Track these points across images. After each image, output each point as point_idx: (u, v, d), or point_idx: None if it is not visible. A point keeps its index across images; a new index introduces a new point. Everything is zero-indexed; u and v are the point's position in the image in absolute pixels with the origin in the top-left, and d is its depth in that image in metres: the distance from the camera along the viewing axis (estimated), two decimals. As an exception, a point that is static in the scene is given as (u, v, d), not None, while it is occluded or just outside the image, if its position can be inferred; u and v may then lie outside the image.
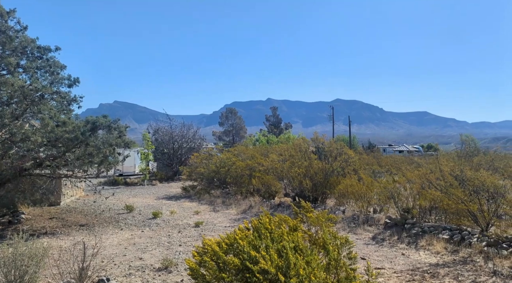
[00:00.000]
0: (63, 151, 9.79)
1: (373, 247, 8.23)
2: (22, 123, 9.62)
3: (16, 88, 8.82)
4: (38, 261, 5.31)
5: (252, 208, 13.18)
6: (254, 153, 20.39)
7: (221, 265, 4.20)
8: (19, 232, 5.49)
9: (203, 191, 17.43)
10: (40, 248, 5.41)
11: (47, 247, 5.75)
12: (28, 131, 9.29)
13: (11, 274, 5.06)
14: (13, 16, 10.03)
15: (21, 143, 9.19)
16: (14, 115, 9.03)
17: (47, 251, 5.64)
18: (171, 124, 28.80)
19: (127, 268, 6.78)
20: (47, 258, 5.60)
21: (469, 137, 21.25)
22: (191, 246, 8.20)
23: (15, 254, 5.13)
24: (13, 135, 9.30)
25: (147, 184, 23.01)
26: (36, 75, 10.02)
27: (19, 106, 9.24)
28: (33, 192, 11.26)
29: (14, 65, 9.25)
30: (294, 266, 3.81)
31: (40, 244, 5.60)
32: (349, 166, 14.90)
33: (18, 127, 9.28)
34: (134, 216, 12.10)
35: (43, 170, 10.42)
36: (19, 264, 5.10)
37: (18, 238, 5.32)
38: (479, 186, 8.01)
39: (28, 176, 10.45)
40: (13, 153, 9.17)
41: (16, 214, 11.23)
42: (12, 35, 9.69)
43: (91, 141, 9.74)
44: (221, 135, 59.28)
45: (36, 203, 12.64)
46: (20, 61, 9.80)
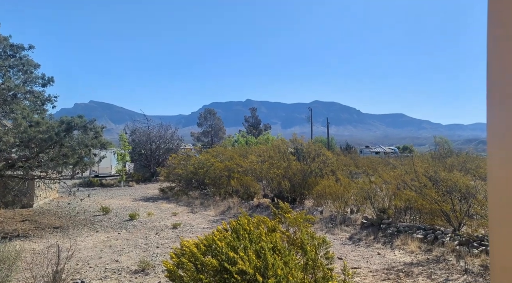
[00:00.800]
0: (37, 152, 9.52)
1: (350, 247, 8.38)
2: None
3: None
4: (10, 265, 5.15)
5: (231, 209, 13.17)
6: (233, 154, 20.38)
7: (199, 267, 4.19)
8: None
9: (181, 192, 17.28)
10: (12, 251, 5.26)
11: (20, 250, 5.59)
12: (0, 131, 8.99)
13: (-19, 278, 4.90)
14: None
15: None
16: (-16, 114, 8.73)
17: (20, 254, 5.48)
18: (149, 124, 28.44)
19: (103, 270, 6.66)
20: (19, 261, 5.44)
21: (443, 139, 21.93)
22: (168, 247, 8.13)
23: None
24: (-17, 135, 8.99)
25: (123, 185, 22.62)
26: (8, 74, 9.71)
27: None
28: (4, 193, 10.89)
29: (-15, 63, 8.95)
30: (272, 267, 3.85)
31: (12, 247, 5.44)
32: (327, 167, 15.11)
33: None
34: (110, 218, 11.88)
35: (16, 171, 10.11)
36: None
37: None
38: (452, 186, 8.29)
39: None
40: (-17, 154, 8.86)
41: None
42: (-17, 32, 9.37)
43: (66, 142, 9.51)
44: (200, 136, 58.93)
45: (7, 205, 12.23)
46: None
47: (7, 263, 5.13)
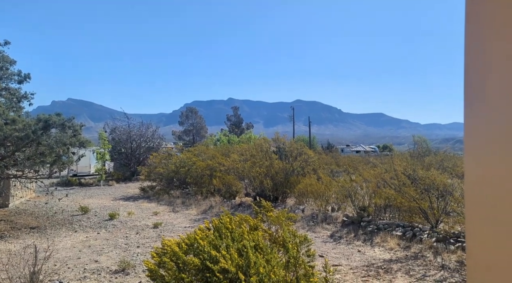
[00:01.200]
0: (13, 150, 9.26)
1: (331, 244, 8.49)
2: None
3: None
4: (-16, 267, 5.00)
5: (213, 208, 13.13)
6: (215, 152, 20.30)
7: (181, 266, 4.17)
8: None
9: (162, 192, 17.11)
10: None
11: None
12: (-27, 129, 8.70)
13: (-48, 281, 4.73)
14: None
15: (-35, 141, 8.60)
16: (-44, 111, 8.43)
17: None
18: (129, 123, 28.01)
19: (82, 271, 6.53)
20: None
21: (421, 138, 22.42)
22: (149, 247, 8.04)
23: (-42, 260, 4.80)
24: (-45, 133, 8.68)
25: (103, 185, 22.22)
26: (-18, 69, 9.41)
27: (-38, 102, 8.63)
28: (-22, 193, 10.56)
29: (-43, 58, 8.63)
30: (254, 265, 3.87)
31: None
32: (308, 165, 15.24)
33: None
34: (89, 218, 11.66)
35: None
36: (-38, 270, 4.77)
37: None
38: (430, 184, 8.49)
39: (-28, 177, 9.78)
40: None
41: (-42, 217, 10.47)
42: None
43: (43, 140, 9.28)
44: (181, 135, 58.40)
45: (-19, 205, 11.86)
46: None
47: (-19, 264, 4.98)
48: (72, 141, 9.90)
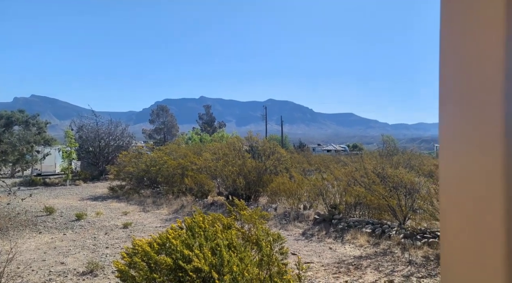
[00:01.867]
0: (-29, 148, 8.77)
1: (303, 242, 8.59)
2: None
3: None
4: None
5: (185, 207, 12.97)
6: (186, 151, 20.07)
7: (152, 266, 4.09)
8: None
9: (132, 191, 16.74)
10: None
11: (-49, 255, 5.13)
12: None
13: None
14: None
15: None
16: None
17: (-49, 260, 5.03)
18: (97, 121, 27.21)
19: (47, 273, 6.28)
20: (-50, 268, 4.99)
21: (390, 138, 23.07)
22: (119, 248, 7.85)
23: None
24: None
25: (69, 184, 21.48)
26: None
27: None
28: None
29: None
30: (228, 263, 3.85)
31: None
32: (281, 164, 15.35)
33: None
34: (54, 218, 11.23)
35: None
36: None
37: None
38: (398, 182, 8.76)
39: None
40: None
41: None
42: None
43: (5, 138, 8.86)
44: (152, 133, 57.40)
45: None
46: None
47: None
48: (36, 139, 9.51)
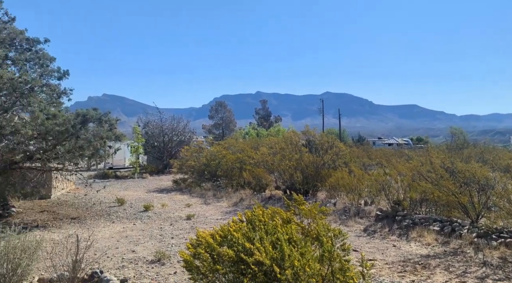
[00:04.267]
0: (54, 144, 9.68)
1: (364, 239, 8.35)
2: (12, 116, 9.46)
3: (5, 80, 8.66)
4: (31, 254, 5.26)
5: (243, 200, 13.22)
6: (244, 146, 20.40)
7: (215, 257, 4.22)
8: (10, 225, 5.43)
9: (194, 184, 17.41)
10: (33, 241, 5.37)
11: (40, 240, 5.71)
12: (18, 124, 9.15)
13: (3, 267, 5.01)
14: (0, 7, 9.82)
15: (11, 136, 9.06)
16: (3, 108, 8.90)
17: (40, 244, 5.59)
18: (161, 117, 28.63)
19: (120, 260, 6.77)
20: (40, 251, 5.56)
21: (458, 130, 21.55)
22: (183, 238, 8.22)
23: (7, 247, 5.08)
24: (2, 128, 9.15)
25: (137, 177, 22.89)
26: (25, 67, 9.86)
27: (8, 99, 9.10)
28: (23, 185, 11.13)
29: (3, 57, 9.09)
30: (289, 258, 3.86)
31: (33, 237, 5.55)
32: (339, 158, 15.01)
33: (7, 120, 9.14)
34: (125, 209, 12.05)
35: (34, 163, 10.31)
36: (12, 257, 5.05)
37: (10, 231, 5.27)
38: (470, 178, 8.15)
39: (18, 169, 10.33)
40: (2, 146, 9.05)
41: (6, 207, 11.09)
42: (0, 27, 9.49)
43: (81, 134, 9.64)
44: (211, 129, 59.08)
45: (26, 196, 12.50)
46: (9, 53, 9.62)
47: (28, 252, 5.24)
48: (108, 135, 10.22)
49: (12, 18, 10.08)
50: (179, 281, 5.70)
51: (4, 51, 9.32)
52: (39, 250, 5.45)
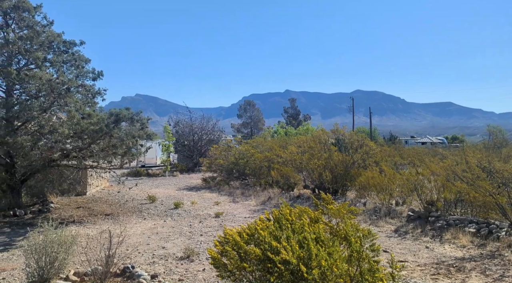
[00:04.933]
0: (89, 143, 10.05)
1: (395, 239, 8.14)
2: (50, 116, 9.91)
3: (44, 81, 9.08)
4: (67, 248, 5.51)
5: (271, 199, 13.22)
6: (272, 144, 20.38)
7: (242, 255, 4.25)
8: (48, 220, 5.70)
9: (223, 182, 17.59)
10: (68, 236, 5.61)
11: (75, 235, 5.96)
12: (56, 123, 9.57)
13: (42, 260, 5.27)
14: (40, 11, 10.30)
15: (49, 135, 9.49)
16: (42, 108, 9.32)
17: (76, 239, 5.84)
18: (191, 116, 29.10)
19: (151, 256, 6.95)
20: (75, 246, 5.81)
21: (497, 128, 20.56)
22: (212, 236, 8.32)
23: (46, 241, 5.33)
24: (41, 128, 9.61)
25: (168, 175, 23.37)
26: (62, 69, 10.28)
27: (46, 99, 9.52)
28: (61, 182, 11.65)
29: (42, 59, 9.51)
30: (316, 257, 3.82)
31: (69, 232, 5.80)
32: (370, 157, 14.71)
33: (46, 120, 9.58)
34: (156, 206, 12.35)
35: (70, 161, 10.74)
36: (50, 251, 5.30)
37: (48, 226, 5.53)
38: (509, 178, 7.76)
39: (56, 167, 10.80)
40: (41, 144, 9.49)
41: (45, 203, 11.64)
42: (39, 30, 9.96)
43: (114, 133, 9.96)
44: (240, 128, 59.40)
45: (64, 192, 13.08)
46: (47, 56, 10.07)
47: (64, 247, 5.48)
48: (140, 134, 10.50)
49: (50, 22, 10.54)
50: (208, 278, 5.77)
51: (43, 53, 9.76)
52: (74, 244, 5.69)
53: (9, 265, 6.41)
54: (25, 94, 9.95)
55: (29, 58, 9.63)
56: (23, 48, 9.42)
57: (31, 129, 9.81)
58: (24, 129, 9.78)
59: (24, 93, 9.97)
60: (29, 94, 9.80)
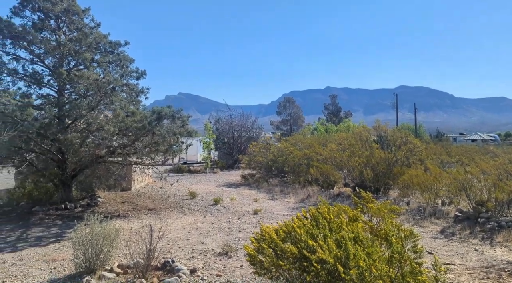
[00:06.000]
0: (133, 140, 10.43)
1: (441, 241, 7.76)
2: (97, 114, 10.39)
3: (91, 81, 9.54)
4: (111, 241, 5.76)
5: (310, 197, 13.07)
6: (312, 142, 20.15)
7: (278, 253, 4.22)
8: (95, 214, 5.98)
9: (262, 179, 17.63)
10: (112, 230, 5.86)
11: (119, 228, 6.21)
12: (102, 121, 10.03)
13: (88, 252, 5.55)
14: (88, 14, 10.83)
15: (97, 132, 9.96)
16: (90, 106, 9.78)
17: (119, 232, 6.09)
18: (231, 114, 29.45)
19: (190, 251, 7.10)
20: (119, 239, 6.06)
21: (557, 125, 19.00)
22: (250, 232, 8.36)
23: (92, 234, 5.61)
24: (89, 125, 10.12)
25: (208, 172, 23.81)
26: (108, 69, 10.75)
27: (94, 98, 9.99)
28: (107, 177, 12.21)
29: (89, 60, 9.99)
30: (354, 257, 3.71)
31: (113, 226, 6.06)
32: (414, 155, 14.14)
33: (93, 118, 10.07)
34: (196, 202, 12.61)
35: (116, 157, 11.20)
36: (95, 243, 5.57)
37: (94, 219, 5.81)
38: None
39: (103, 163, 11.32)
40: (89, 141, 9.97)
41: (93, 197, 12.26)
42: (87, 32, 10.46)
43: (157, 130, 10.27)
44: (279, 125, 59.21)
45: (110, 187, 13.71)
46: (94, 56, 10.55)
47: (109, 240, 5.74)
48: (180, 131, 10.75)
49: (98, 24, 11.06)
50: (245, 275, 5.81)
51: (91, 54, 10.24)
52: (118, 238, 5.94)
53: (59, 255, 6.81)
54: (75, 93, 10.50)
55: (78, 59, 10.14)
56: (73, 49, 9.94)
57: (80, 127, 10.35)
58: (74, 127, 10.33)
59: (74, 93, 10.53)
60: (78, 94, 10.32)
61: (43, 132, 9.26)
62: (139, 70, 11.20)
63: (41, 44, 9.85)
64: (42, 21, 10.12)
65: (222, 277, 5.73)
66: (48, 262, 6.46)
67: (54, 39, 10.23)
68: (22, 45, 10.05)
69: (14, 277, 5.74)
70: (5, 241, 7.85)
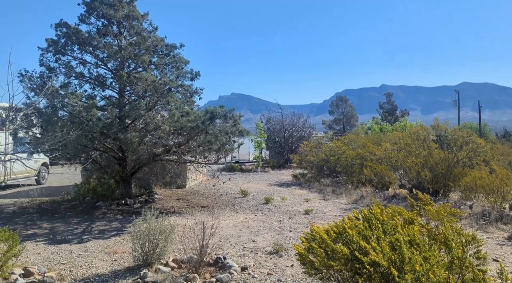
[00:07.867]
0: (187, 139, 10.82)
1: (509, 248, 7.17)
2: (154, 114, 10.90)
3: (149, 83, 10.03)
4: (166, 236, 6.02)
5: (364, 198, 12.69)
6: (365, 141, 19.55)
7: (329, 253, 4.15)
8: (151, 210, 6.29)
9: (313, 179, 17.44)
10: (168, 225, 6.13)
11: (174, 224, 6.48)
12: (159, 121, 10.51)
13: (145, 246, 5.85)
14: (146, 18, 11.40)
15: (154, 131, 10.46)
16: (148, 107, 10.29)
17: (174, 228, 6.35)
18: (282, 113, 29.44)
19: (241, 249, 7.21)
20: (174, 234, 6.31)
21: None
22: (301, 232, 8.29)
23: (149, 229, 5.90)
24: (147, 125, 10.65)
25: (260, 171, 24.00)
26: (164, 70, 11.24)
27: (151, 99, 10.49)
28: (163, 175, 12.77)
29: (147, 62, 10.51)
30: (410, 261, 3.56)
31: (168, 222, 6.33)
32: (478, 156, 13.21)
33: (151, 118, 10.58)
34: (248, 201, 12.77)
35: (171, 155, 11.68)
36: (152, 238, 5.85)
37: (151, 215, 6.11)
38: None
39: (159, 161, 11.87)
40: (147, 140, 10.50)
41: (151, 194, 12.89)
42: (146, 36, 11.02)
43: (209, 129, 10.56)
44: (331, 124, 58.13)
45: (166, 185, 14.33)
46: (152, 59, 11.09)
47: (164, 235, 6.00)
48: (232, 130, 10.96)
49: (155, 28, 11.61)
50: (296, 274, 5.79)
51: (149, 57, 10.77)
52: (173, 233, 6.19)
53: (120, 248, 7.25)
54: (134, 94, 11.11)
55: (137, 62, 10.70)
56: (133, 53, 10.51)
57: (138, 127, 10.93)
58: (133, 126, 10.93)
59: (133, 94, 11.14)
60: (137, 95, 10.91)
61: (106, 131, 9.90)
62: (193, 71, 11.58)
63: (105, 49, 10.54)
64: (106, 27, 10.82)
65: (272, 276, 5.75)
66: (109, 254, 6.90)
67: (116, 44, 10.89)
68: (88, 50, 10.82)
69: (80, 267, 6.20)
70: (72, 233, 8.50)
